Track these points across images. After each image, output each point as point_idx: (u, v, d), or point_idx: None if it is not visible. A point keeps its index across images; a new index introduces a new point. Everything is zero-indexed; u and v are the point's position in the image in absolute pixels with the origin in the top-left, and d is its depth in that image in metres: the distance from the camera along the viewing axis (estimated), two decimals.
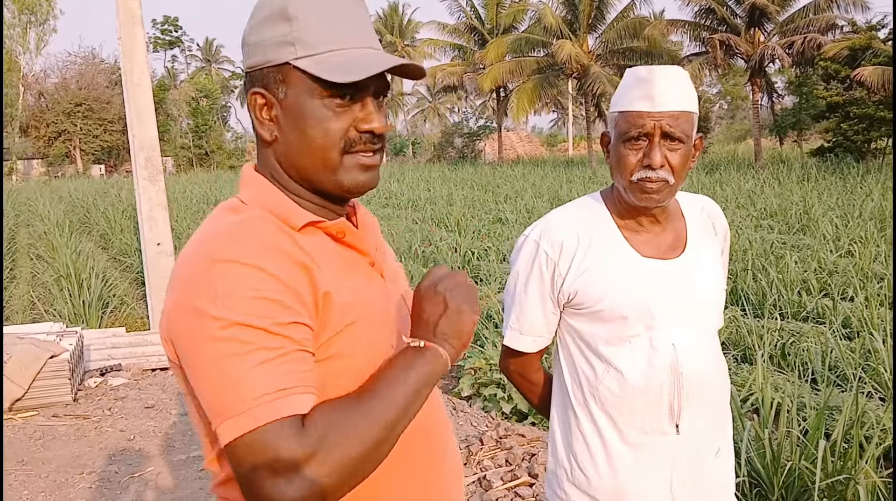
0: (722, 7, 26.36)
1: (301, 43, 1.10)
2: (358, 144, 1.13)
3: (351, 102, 1.11)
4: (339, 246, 1.17)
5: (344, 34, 1.11)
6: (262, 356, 0.97)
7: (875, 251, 8.93)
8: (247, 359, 0.97)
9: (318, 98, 1.10)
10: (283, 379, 0.98)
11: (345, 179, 1.14)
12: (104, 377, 6.01)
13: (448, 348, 1.10)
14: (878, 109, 21.86)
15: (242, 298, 0.99)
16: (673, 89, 1.56)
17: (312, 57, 1.09)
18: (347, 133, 1.12)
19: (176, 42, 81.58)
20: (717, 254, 1.80)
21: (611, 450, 1.68)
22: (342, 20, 1.12)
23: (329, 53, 1.09)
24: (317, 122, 1.11)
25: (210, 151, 51.64)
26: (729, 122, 61.96)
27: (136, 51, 7.24)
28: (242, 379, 0.96)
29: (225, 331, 0.98)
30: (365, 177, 1.15)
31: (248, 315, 0.98)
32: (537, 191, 19.63)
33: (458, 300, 1.12)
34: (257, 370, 0.97)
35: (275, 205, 1.14)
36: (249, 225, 1.09)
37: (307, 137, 1.12)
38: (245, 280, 1.00)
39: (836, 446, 3.67)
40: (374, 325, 1.15)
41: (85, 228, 17.26)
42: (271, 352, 0.98)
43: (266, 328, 0.98)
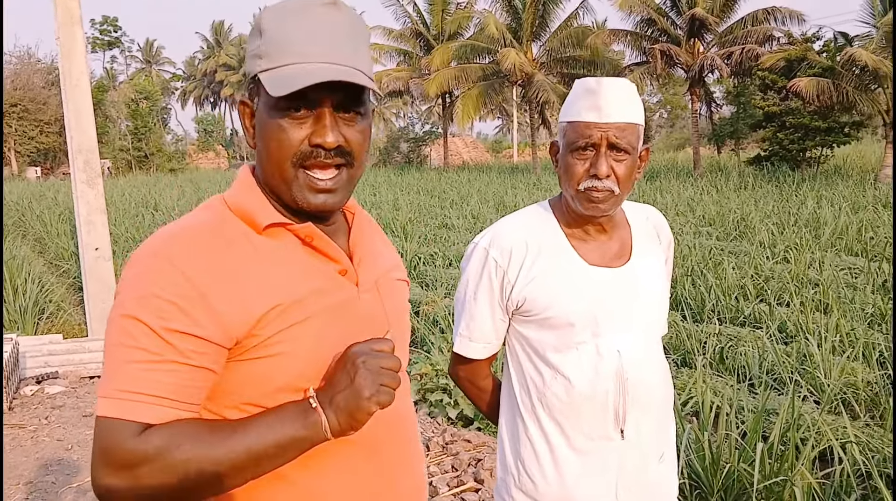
0: (662, 18, 26.86)
1: (267, 56, 1.13)
2: (310, 158, 1.13)
3: (306, 114, 1.12)
4: (307, 249, 1.19)
5: (304, 48, 1.11)
6: (139, 355, 1.03)
7: (810, 258, 9.20)
8: (126, 353, 1.03)
9: (275, 110, 1.12)
10: (146, 384, 1.02)
11: (297, 196, 1.15)
12: (41, 384, 5.85)
13: (333, 422, 1.07)
14: (813, 119, 22.49)
15: (150, 294, 1.04)
16: (620, 101, 1.60)
17: (270, 70, 1.12)
18: (300, 146, 1.13)
19: (115, 42, 79.95)
20: (662, 262, 1.85)
21: (558, 456, 1.70)
22: (308, 34, 1.12)
23: (283, 67, 1.11)
24: (272, 133, 1.13)
25: (150, 154, 50.60)
26: (669, 130, 63.06)
27: (74, 52, 7.07)
28: (116, 369, 1.04)
29: (122, 320, 1.05)
30: (318, 199, 1.16)
31: (145, 312, 1.04)
32: (483, 197, 19.72)
33: (365, 384, 1.07)
34: (128, 367, 1.03)
35: (246, 204, 1.17)
36: (203, 226, 1.14)
37: (266, 147, 1.15)
38: (160, 278, 1.05)
39: (773, 448, 3.77)
40: (321, 329, 1.15)
41: (20, 231, 16.78)
42: (149, 354, 1.03)
43: (155, 329, 1.03)
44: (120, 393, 1.02)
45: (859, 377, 5.07)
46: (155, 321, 1.03)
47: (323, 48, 1.12)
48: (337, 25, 1.14)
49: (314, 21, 1.13)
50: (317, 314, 1.15)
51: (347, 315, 1.20)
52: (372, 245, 1.33)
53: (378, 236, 1.41)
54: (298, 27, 1.12)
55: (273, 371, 1.11)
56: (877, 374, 5.13)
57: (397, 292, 1.37)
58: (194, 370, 1.05)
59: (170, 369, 1.03)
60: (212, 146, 68.73)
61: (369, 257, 1.30)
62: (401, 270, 1.43)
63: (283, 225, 1.17)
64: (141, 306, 1.04)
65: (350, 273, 1.23)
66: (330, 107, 1.13)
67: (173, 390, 1.04)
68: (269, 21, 1.14)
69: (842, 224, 11.46)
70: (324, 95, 1.11)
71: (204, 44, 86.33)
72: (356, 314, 1.21)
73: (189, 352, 1.04)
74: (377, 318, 1.26)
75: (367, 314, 1.24)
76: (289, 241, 1.18)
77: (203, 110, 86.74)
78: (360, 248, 1.28)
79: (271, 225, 1.16)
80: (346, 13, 1.16)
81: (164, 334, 1.03)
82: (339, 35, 1.14)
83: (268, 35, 1.13)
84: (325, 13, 1.14)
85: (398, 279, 1.39)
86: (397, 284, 1.38)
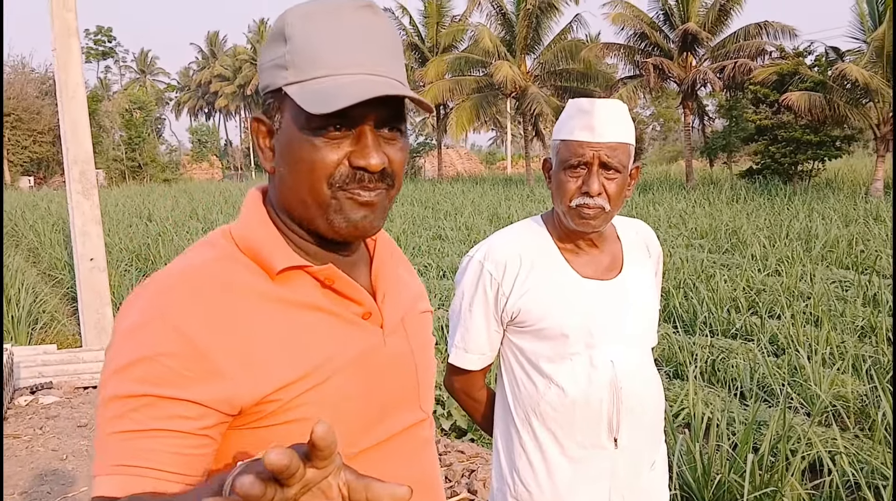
0: (655, 32, 27.04)
1: (294, 67, 0.98)
2: (351, 181, 0.99)
3: (344, 133, 0.98)
4: (325, 292, 1.04)
5: (339, 58, 0.97)
6: (122, 425, 0.89)
7: (801, 271, 9.26)
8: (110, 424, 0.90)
9: (307, 129, 0.97)
10: (125, 456, 0.89)
11: (335, 219, 1.00)
12: (35, 395, 5.86)
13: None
14: (805, 133, 22.61)
15: (137, 358, 0.90)
16: (612, 122, 1.65)
17: (300, 83, 0.97)
18: (338, 168, 0.98)
19: (109, 53, 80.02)
20: (652, 274, 1.89)
21: (551, 465, 1.74)
22: (342, 42, 0.97)
23: (316, 80, 0.96)
24: (304, 154, 0.98)
25: (143, 164, 50.60)
26: (661, 143, 63.29)
27: (71, 63, 7.10)
28: (100, 444, 0.91)
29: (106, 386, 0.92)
30: (358, 215, 1.00)
31: (129, 379, 0.90)
32: (477, 208, 19.77)
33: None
34: (109, 439, 0.90)
35: (258, 243, 1.02)
36: (205, 271, 0.98)
37: (295, 171, 1.00)
38: (150, 337, 0.91)
39: (764, 459, 3.81)
40: (344, 386, 1.01)
41: (13, 241, 16.74)
42: (133, 423, 0.89)
43: (140, 395, 0.89)
44: (99, 469, 0.90)
45: (849, 389, 5.12)
46: (140, 387, 0.89)
47: (361, 58, 0.98)
48: (374, 32, 1.00)
49: (349, 26, 0.98)
50: (339, 371, 1.01)
51: (372, 365, 1.06)
52: (396, 277, 1.18)
53: (401, 263, 1.25)
54: (331, 33, 0.97)
55: (287, 440, 0.91)
56: (866, 386, 5.18)
57: (423, 327, 1.24)
58: (187, 436, 0.90)
59: (154, 437, 0.89)
60: (206, 157, 68.77)
61: (394, 292, 1.15)
62: (424, 299, 1.29)
63: (302, 268, 1.02)
64: (126, 373, 0.90)
65: (375, 315, 1.08)
66: (371, 124, 0.98)
67: (151, 456, 0.88)
68: (296, 26, 0.98)
69: (833, 237, 11.55)
70: (365, 112, 0.97)
71: (199, 54, 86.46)
72: (381, 361, 1.08)
73: (179, 419, 0.90)
74: (403, 361, 1.13)
75: (393, 358, 1.11)
76: (305, 284, 1.03)
77: (197, 121, 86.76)
78: (384, 282, 1.14)
79: (287, 269, 1.01)
80: (381, 18, 1.01)
81: (153, 401, 0.89)
82: (377, 42, 1.00)
83: (295, 42, 0.98)
84: (361, 17, 0.99)
85: (423, 312, 1.26)
86: (422, 317, 1.25)
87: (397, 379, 1.11)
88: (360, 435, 1.05)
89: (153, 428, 0.89)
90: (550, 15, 31.46)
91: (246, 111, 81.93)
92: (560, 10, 31.31)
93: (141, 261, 12.61)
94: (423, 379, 1.19)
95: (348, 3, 0.99)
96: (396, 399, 1.12)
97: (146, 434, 0.89)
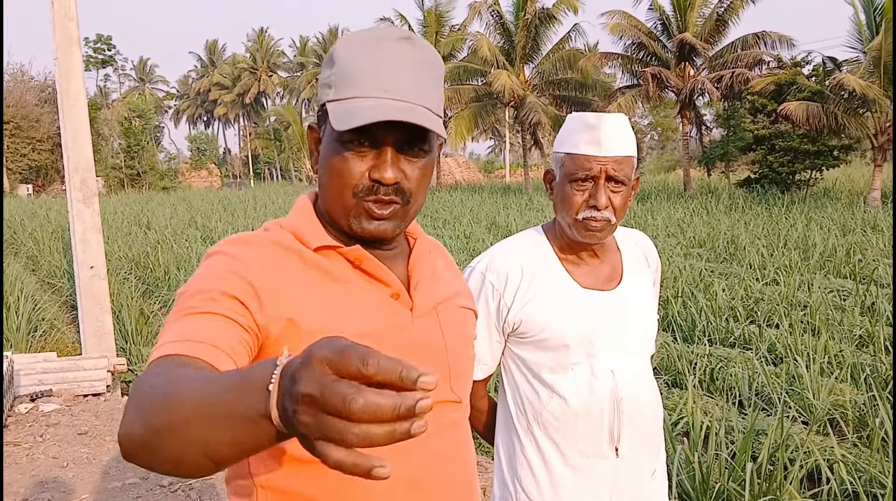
0: (653, 42, 27.14)
1: (336, 87, 1.12)
2: (369, 193, 1.13)
3: (370, 148, 1.12)
4: (358, 273, 1.18)
5: (371, 82, 1.09)
6: (186, 311, 1.03)
7: (799, 280, 9.29)
8: (175, 313, 1.04)
9: (339, 141, 1.12)
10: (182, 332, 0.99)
11: (353, 223, 1.16)
12: (35, 402, 5.86)
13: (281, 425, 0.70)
14: (803, 143, 22.69)
15: (207, 274, 1.08)
16: (618, 136, 1.68)
17: (338, 101, 1.11)
18: (360, 179, 1.13)
19: (109, 61, 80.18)
20: (650, 284, 1.92)
21: (553, 473, 1.75)
22: (376, 69, 1.10)
23: (349, 100, 1.10)
24: (335, 163, 1.14)
25: (142, 172, 50.66)
26: (659, 152, 63.47)
27: (72, 72, 7.13)
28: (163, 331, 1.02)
29: (180, 296, 1.07)
30: (371, 225, 1.15)
31: (200, 283, 1.06)
32: (475, 216, 19.80)
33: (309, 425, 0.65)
34: (172, 325, 1.02)
35: (300, 226, 1.20)
36: (260, 235, 1.18)
37: (327, 177, 1.16)
38: (219, 264, 1.10)
39: (762, 468, 3.82)
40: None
41: (12, 249, 16.75)
42: (195, 308, 1.02)
43: (206, 290, 1.04)
44: (160, 342, 0.98)
45: (847, 397, 5.13)
46: (207, 285, 1.05)
47: (388, 83, 1.09)
48: (407, 61, 1.12)
49: (385, 55, 1.11)
50: (361, 338, 0.82)
51: (398, 341, 1.16)
52: (432, 270, 1.30)
53: (443, 260, 1.38)
54: (369, 60, 1.10)
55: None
56: (864, 395, 5.20)
57: (460, 319, 1.33)
58: (237, 326, 1.03)
59: (213, 318, 1.01)
60: (204, 165, 68.83)
61: (429, 282, 1.27)
62: (466, 297, 1.38)
63: (333, 247, 1.18)
64: (197, 280, 1.08)
65: (403, 298, 1.20)
66: (392, 144, 1.12)
67: (213, 335, 0.99)
68: (343, 52, 1.13)
69: (831, 247, 11.58)
70: (387, 132, 1.10)
71: (198, 63, 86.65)
72: (408, 339, 1.18)
73: (234, 313, 1.03)
74: (434, 345, 1.22)
75: (422, 340, 1.20)
76: (340, 263, 1.18)
77: (196, 129, 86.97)
78: (419, 271, 1.26)
79: (322, 247, 1.17)
80: (420, 49, 1.13)
81: (216, 295, 1.04)
82: (407, 71, 1.11)
83: (339, 65, 1.12)
84: (398, 48, 1.11)
85: (462, 307, 1.35)
86: (460, 311, 1.34)
87: (426, 358, 1.19)
88: None
89: (213, 312, 1.02)
90: (549, 24, 31.56)
91: (244, 119, 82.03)
92: (559, 20, 31.41)
93: (140, 269, 12.62)
94: (454, 365, 1.26)
95: (390, 35, 1.13)
96: None
97: (207, 315, 1.02)
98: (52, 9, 6.96)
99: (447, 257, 1.42)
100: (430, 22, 37.28)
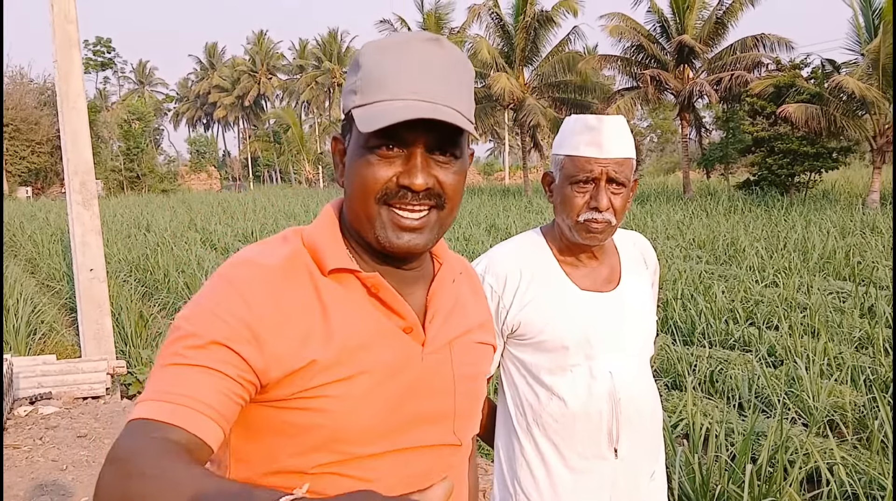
0: (652, 44, 27.17)
1: (361, 92, 1.06)
2: (394, 197, 1.06)
3: (398, 153, 1.05)
4: (372, 300, 1.11)
5: (398, 85, 1.04)
6: (177, 359, 0.98)
7: (798, 282, 9.29)
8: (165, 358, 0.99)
9: (365, 147, 1.05)
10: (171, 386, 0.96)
11: (380, 234, 1.08)
12: (34, 405, 5.86)
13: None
14: (802, 145, 22.72)
15: (205, 309, 1.02)
16: (618, 138, 1.68)
17: (364, 106, 1.05)
18: (386, 184, 1.05)
19: (108, 63, 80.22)
20: (649, 286, 1.92)
21: (553, 475, 1.75)
22: (403, 71, 1.04)
23: (376, 104, 1.04)
24: (359, 169, 1.07)
25: (142, 175, 50.68)
26: (659, 154, 63.51)
27: (72, 74, 7.13)
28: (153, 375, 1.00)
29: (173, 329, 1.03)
30: (401, 239, 1.07)
31: (194, 323, 1.01)
32: (474, 219, 19.80)
33: None
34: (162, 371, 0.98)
35: (318, 243, 1.12)
36: (274, 259, 1.09)
37: (351, 184, 1.09)
38: (220, 297, 1.03)
39: (762, 470, 3.82)
40: (371, 389, 1.06)
41: (11, 252, 16.75)
42: (186, 359, 0.97)
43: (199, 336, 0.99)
44: (144, 396, 0.96)
45: (846, 399, 5.14)
46: (201, 331, 0.99)
47: (416, 85, 1.04)
48: (435, 62, 1.06)
49: (412, 57, 1.05)
50: (368, 372, 1.06)
51: (404, 377, 1.10)
52: (453, 301, 1.21)
53: (469, 287, 1.30)
54: (396, 63, 1.05)
55: (308, 425, 1.03)
56: (864, 397, 5.20)
57: (474, 356, 1.25)
58: (229, 380, 0.98)
59: (203, 372, 0.97)
60: (204, 167, 68.90)
61: (447, 314, 1.18)
62: (486, 331, 1.30)
63: (351, 271, 1.10)
64: (193, 320, 1.01)
65: (416, 332, 1.13)
66: (423, 147, 1.05)
67: (200, 390, 0.96)
68: (368, 56, 1.07)
69: (830, 249, 11.59)
70: (416, 135, 1.04)
71: (197, 65, 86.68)
72: (415, 376, 1.11)
73: (226, 364, 0.98)
74: (441, 381, 1.16)
75: (429, 376, 1.14)
76: (355, 288, 1.10)
77: (196, 131, 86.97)
78: (439, 302, 1.17)
79: (337, 270, 1.09)
80: (447, 50, 1.08)
81: (207, 343, 0.98)
82: (435, 71, 1.05)
83: (364, 70, 1.07)
84: (425, 49, 1.06)
85: (479, 343, 1.27)
86: (477, 347, 1.26)
87: (430, 398, 1.13)
88: (375, 439, 1.08)
89: (203, 365, 0.97)
90: (548, 27, 31.59)
91: (244, 122, 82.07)
92: (558, 23, 31.44)
93: (139, 272, 12.62)
94: (461, 405, 1.19)
95: (417, 37, 1.08)
96: (424, 416, 1.13)
97: (195, 368, 0.97)
98: (52, 11, 6.97)
99: (475, 283, 1.34)
100: (429, 25, 37.34)
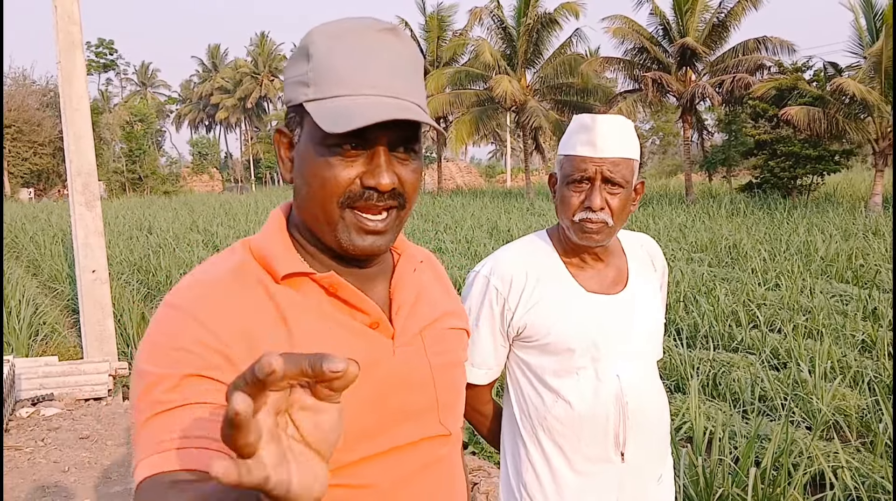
0: (654, 46, 27.15)
1: (315, 84, 1.00)
2: (359, 199, 1.01)
3: (359, 152, 1.00)
4: (332, 301, 1.06)
5: (357, 79, 0.99)
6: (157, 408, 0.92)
7: (801, 285, 9.27)
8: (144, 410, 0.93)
9: (323, 146, 1.00)
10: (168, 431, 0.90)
11: (342, 238, 1.04)
12: (36, 406, 5.86)
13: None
14: (804, 147, 22.69)
15: (161, 345, 0.95)
16: (614, 137, 1.67)
17: (319, 101, 1.00)
18: (350, 186, 1.01)
19: (111, 65, 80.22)
20: (657, 288, 1.91)
21: (559, 478, 1.74)
22: (361, 63, 0.99)
23: (334, 99, 0.99)
24: (317, 171, 1.01)
25: (144, 176, 50.73)
26: (661, 157, 63.40)
27: (75, 76, 7.14)
28: (139, 433, 0.93)
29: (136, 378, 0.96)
30: (365, 242, 1.04)
31: (157, 364, 0.94)
32: (477, 221, 19.79)
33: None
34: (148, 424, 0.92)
35: (267, 250, 1.06)
36: (220, 273, 1.03)
37: (309, 185, 1.03)
38: (173, 327, 0.97)
39: (766, 473, 3.81)
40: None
41: (13, 253, 16.75)
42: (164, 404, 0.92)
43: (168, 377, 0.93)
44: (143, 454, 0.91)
45: (850, 402, 5.12)
46: (172, 370, 0.93)
47: (379, 79, 1.00)
48: (395, 54, 1.02)
49: (370, 48, 1.00)
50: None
51: (378, 375, 1.06)
52: (419, 290, 1.18)
53: (432, 274, 1.27)
54: (352, 54, 0.99)
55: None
56: (867, 400, 5.18)
57: (449, 343, 1.21)
58: (212, 406, 0.92)
59: (194, 408, 0.91)
60: (206, 169, 68.94)
61: (413, 305, 1.15)
62: (457, 316, 1.26)
63: (305, 274, 1.05)
64: (155, 359, 0.95)
65: (383, 326, 1.09)
66: (385, 145, 1.01)
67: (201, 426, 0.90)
68: (319, 44, 1.01)
69: (832, 251, 11.57)
70: (379, 133, 0.99)
71: (200, 67, 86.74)
72: (389, 372, 1.08)
73: (211, 393, 0.92)
74: (419, 377, 1.12)
75: (404, 370, 1.10)
76: (312, 291, 1.05)
77: (198, 133, 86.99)
78: (402, 293, 1.14)
79: (291, 275, 1.04)
80: (404, 41, 1.04)
81: (179, 380, 0.92)
82: (398, 66, 1.02)
83: (317, 60, 1.00)
84: (383, 40, 1.01)
85: (451, 328, 1.23)
86: (450, 333, 1.22)
87: (409, 392, 1.10)
88: (359, 443, 1.04)
89: (186, 403, 0.91)
90: (551, 29, 31.57)
91: (246, 124, 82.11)
92: (560, 25, 31.42)
93: (142, 273, 12.61)
94: (442, 395, 1.16)
95: (371, 26, 1.02)
96: (407, 412, 1.10)
97: (182, 409, 0.91)
98: (55, 13, 6.98)
99: (437, 270, 1.30)
100: (431, 27, 37.30)
